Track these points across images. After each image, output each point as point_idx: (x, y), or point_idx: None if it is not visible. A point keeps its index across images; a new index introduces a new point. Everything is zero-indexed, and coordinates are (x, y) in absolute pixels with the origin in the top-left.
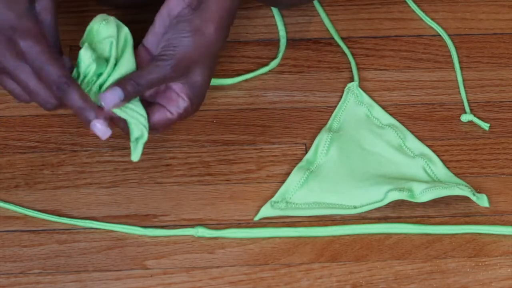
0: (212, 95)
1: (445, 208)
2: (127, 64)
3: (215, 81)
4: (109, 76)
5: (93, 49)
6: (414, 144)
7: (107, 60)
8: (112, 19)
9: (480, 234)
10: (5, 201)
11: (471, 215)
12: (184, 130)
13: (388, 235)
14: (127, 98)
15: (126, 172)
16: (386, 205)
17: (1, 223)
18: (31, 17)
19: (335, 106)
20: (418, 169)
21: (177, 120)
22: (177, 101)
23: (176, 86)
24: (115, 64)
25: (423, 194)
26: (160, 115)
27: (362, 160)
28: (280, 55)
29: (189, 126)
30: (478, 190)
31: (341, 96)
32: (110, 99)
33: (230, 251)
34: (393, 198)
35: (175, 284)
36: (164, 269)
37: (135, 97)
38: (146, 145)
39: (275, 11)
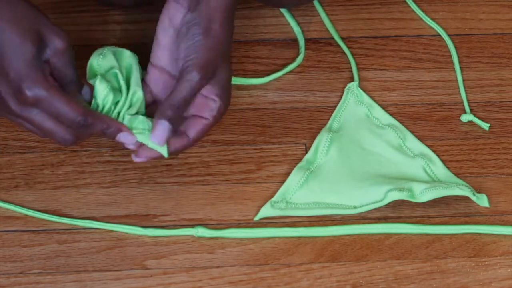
0: None
1: (445, 208)
2: (138, 85)
3: (243, 81)
4: (125, 102)
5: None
6: (414, 144)
7: (119, 89)
8: (107, 50)
9: (480, 234)
10: (5, 201)
11: (471, 215)
12: None
13: (388, 235)
14: (174, 125)
15: (126, 172)
16: (386, 205)
17: (1, 223)
18: (39, 65)
19: (335, 106)
20: (418, 169)
21: (213, 124)
22: (208, 105)
23: (205, 90)
24: (128, 91)
25: (423, 194)
26: (196, 126)
27: (362, 160)
28: (302, 49)
29: None
30: (478, 190)
31: (341, 96)
32: (162, 135)
33: (230, 251)
34: (393, 198)
35: (175, 284)
36: (164, 269)
37: (179, 123)
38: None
39: (283, 10)
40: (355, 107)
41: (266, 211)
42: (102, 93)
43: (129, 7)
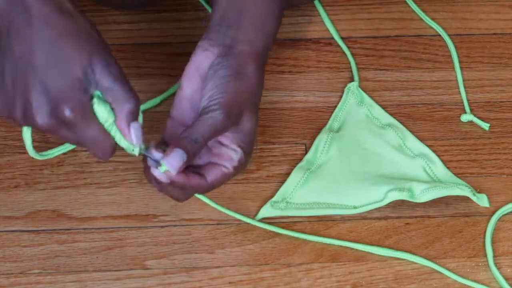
0: None
1: (445, 208)
2: None
3: None
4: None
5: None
6: (414, 144)
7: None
8: None
9: (480, 234)
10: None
11: (471, 215)
12: None
13: (388, 235)
14: (189, 159)
15: (126, 172)
16: (386, 205)
17: (1, 223)
18: (83, 88)
19: (335, 106)
20: (418, 169)
21: (234, 174)
22: (229, 155)
23: (226, 139)
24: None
25: (423, 194)
26: (216, 173)
27: (362, 160)
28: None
29: None
30: (478, 190)
31: (341, 96)
32: (177, 163)
33: (230, 251)
34: (393, 198)
35: (175, 284)
36: (164, 269)
37: (195, 156)
38: None
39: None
40: (355, 107)
41: (266, 211)
42: (103, 116)
43: (129, 7)
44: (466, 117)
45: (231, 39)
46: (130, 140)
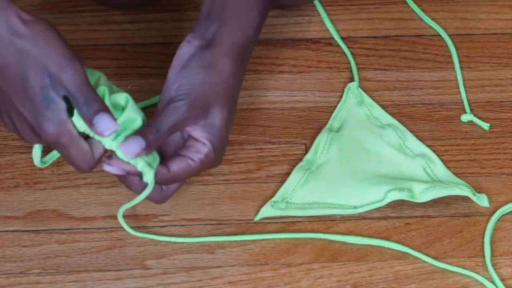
0: None
1: (445, 208)
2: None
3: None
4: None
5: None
6: (414, 144)
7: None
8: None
9: (480, 234)
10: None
11: (471, 215)
12: None
13: (388, 235)
14: (148, 147)
15: None
16: (386, 205)
17: (1, 223)
18: (56, 100)
19: (335, 106)
20: (418, 169)
21: (200, 168)
22: (196, 147)
23: (196, 132)
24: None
25: (423, 194)
26: (180, 164)
27: (362, 160)
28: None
29: None
30: (478, 190)
31: (341, 96)
32: (132, 149)
33: (230, 251)
34: (393, 198)
35: (175, 284)
36: (164, 269)
37: (156, 145)
38: None
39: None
40: (355, 107)
41: (266, 211)
42: (81, 125)
43: (129, 7)
44: (466, 117)
45: (212, 33)
46: (96, 133)
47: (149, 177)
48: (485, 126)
